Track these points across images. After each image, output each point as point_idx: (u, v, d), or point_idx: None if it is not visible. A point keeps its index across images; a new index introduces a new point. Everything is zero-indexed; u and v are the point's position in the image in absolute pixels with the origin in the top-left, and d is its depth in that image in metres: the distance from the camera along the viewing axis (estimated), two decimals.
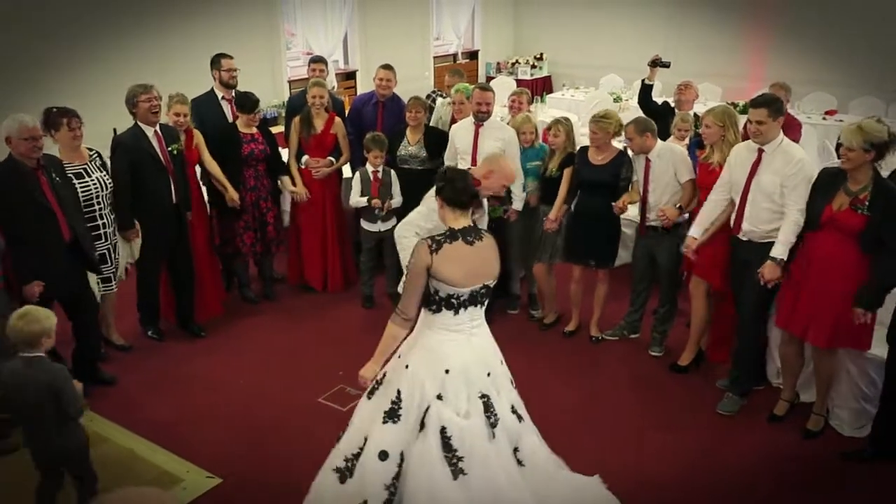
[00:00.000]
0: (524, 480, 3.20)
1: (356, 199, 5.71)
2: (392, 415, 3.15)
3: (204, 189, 5.72)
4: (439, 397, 3.11)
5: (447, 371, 3.12)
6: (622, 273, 5.77)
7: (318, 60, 6.54)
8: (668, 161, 4.92)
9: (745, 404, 4.62)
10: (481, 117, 5.30)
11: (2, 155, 4.24)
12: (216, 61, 5.89)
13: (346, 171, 6.24)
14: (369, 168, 5.67)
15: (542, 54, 12.45)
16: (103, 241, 4.82)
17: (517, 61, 12.36)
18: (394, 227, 5.11)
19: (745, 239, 4.37)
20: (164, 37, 7.38)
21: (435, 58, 11.62)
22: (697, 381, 4.94)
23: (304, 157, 5.90)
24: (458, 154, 5.44)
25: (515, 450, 3.27)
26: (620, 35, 11.61)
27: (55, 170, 4.38)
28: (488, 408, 3.17)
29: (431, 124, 6.22)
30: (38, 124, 4.20)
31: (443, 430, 3.07)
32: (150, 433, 4.34)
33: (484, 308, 3.24)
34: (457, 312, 3.12)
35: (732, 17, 10.70)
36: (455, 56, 12.18)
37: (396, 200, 5.69)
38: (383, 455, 3.12)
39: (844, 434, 4.34)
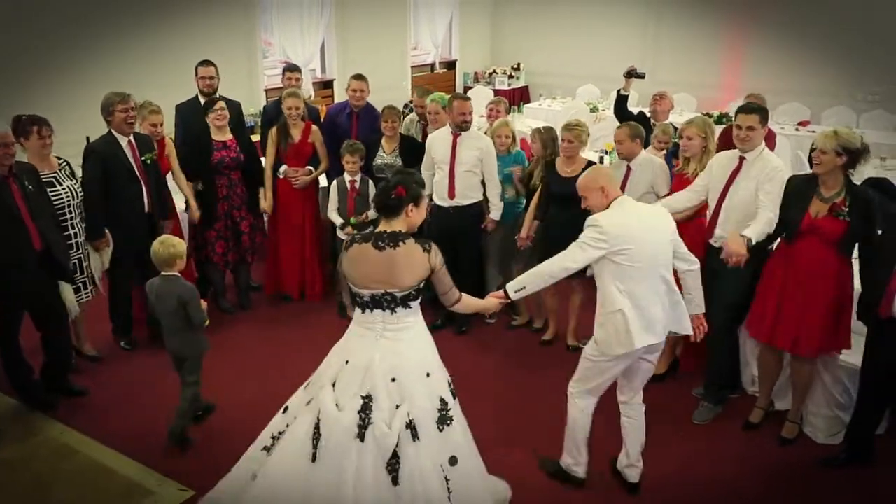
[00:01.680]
0: (391, 497, 3.11)
1: (332, 216, 5.68)
2: (307, 384, 3.43)
3: (175, 198, 5.66)
4: (333, 385, 3.23)
5: (346, 362, 3.24)
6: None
7: (292, 69, 6.52)
8: (648, 171, 4.97)
9: (720, 413, 4.65)
10: (464, 127, 5.31)
11: None
12: (196, 69, 5.89)
13: (323, 180, 6.21)
14: (346, 178, 5.65)
15: (519, 64, 12.51)
16: (75, 250, 4.76)
17: (494, 71, 12.41)
18: None
19: (716, 245, 4.39)
20: (140, 45, 7.32)
21: (413, 67, 11.64)
22: (673, 390, 4.95)
23: (283, 167, 5.87)
24: (434, 164, 5.44)
25: (393, 464, 3.14)
26: (597, 46, 11.71)
27: (28, 178, 4.32)
28: (365, 409, 3.14)
29: None
30: (8, 131, 4.14)
31: (319, 413, 3.19)
32: (122, 445, 4.28)
33: (401, 312, 3.20)
34: (363, 311, 3.23)
35: (708, 28, 10.83)
36: (433, 66, 12.21)
37: (373, 212, 5.66)
38: (285, 409, 3.46)
39: (818, 441, 4.38)
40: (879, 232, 3.96)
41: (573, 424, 3.87)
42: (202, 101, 5.88)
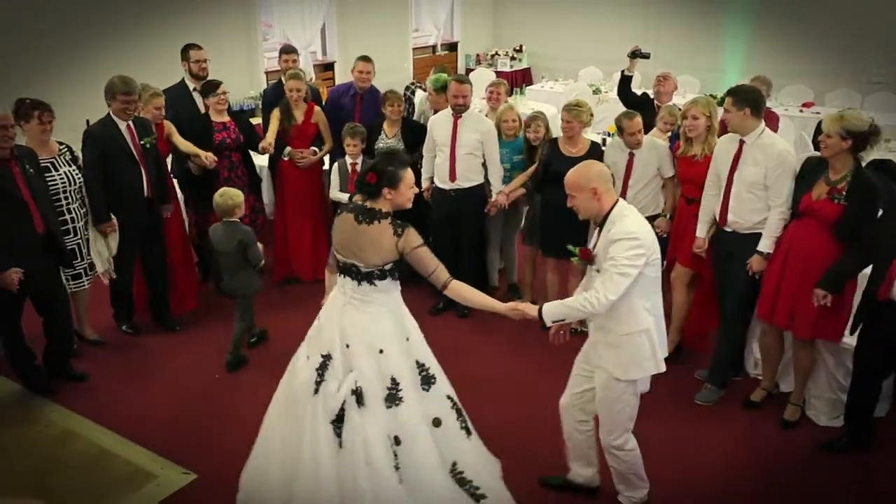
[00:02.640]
0: (331, 455, 3.22)
1: (336, 194, 5.64)
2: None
3: (176, 181, 5.63)
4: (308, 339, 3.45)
5: (318, 318, 3.44)
6: None
7: (289, 51, 6.47)
8: (653, 157, 4.93)
9: (723, 395, 4.64)
10: (459, 109, 5.27)
11: None
12: (185, 52, 5.83)
13: (326, 162, 6.18)
14: (348, 160, 5.61)
15: (521, 46, 12.42)
16: (72, 235, 4.74)
17: (497, 53, 12.32)
18: None
19: (729, 230, 4.37)
20: (139, 28, 7.25)
21: (414, 49, 11.57)
22: (677, 372, 4.89)
23: (287, 149, 5.83)
24: (436, 146, 5.40)
25: (338, 425, 3.24)
26: (600, 27, 11.61)
27: (28, 161, 4.30)
28: (322, 367, 3.31)
29: (415, 118, 6.19)
30: (8, 114, 4.11)
31: (292, 362, 3.50)
32: (124, 429, 4.29)
33: (366, 287, 3.27)
34: (340, 274, 3.37)
35: (711, 10, 10.73)
36: (434, 48, 12.13)
37: None
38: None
39: (821, 424, 4.37)
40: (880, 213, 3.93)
41: (634, 461, 3.59)
42: (190, 85, 5.83)
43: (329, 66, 10.11)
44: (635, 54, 6.07)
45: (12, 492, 3.74)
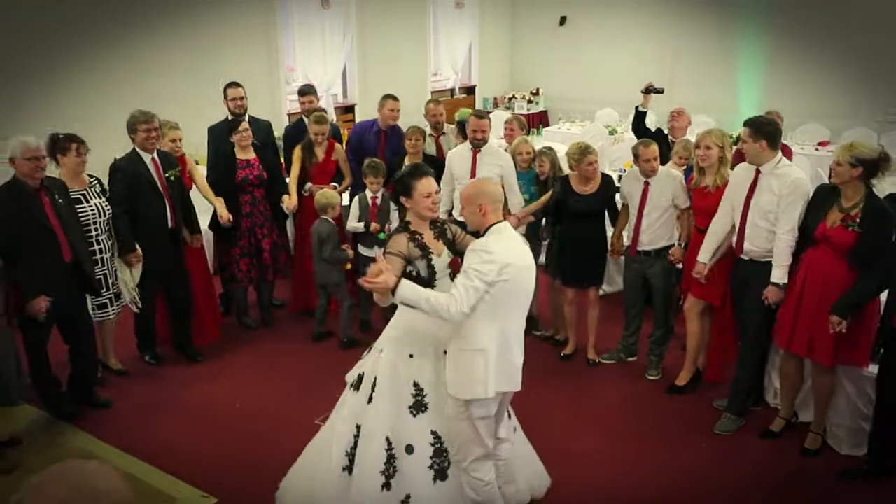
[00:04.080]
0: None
1: (353, 224, 5.75)
2: None
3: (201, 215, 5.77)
4: None
5: None
6: (618, 296, 5.81)
7: (305, 92, 6.67)
8: (668, 186, 4.99)
9: (742, 425, 4.62)
10: (477, 144, 5.38)
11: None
12: (225, 91, 6.05)
13: (346, 198, 6.31)
14: (368, 194, 5.74)
15: (538, 89, 12.62)
16: (100, 266, 4.84)
17: (514, 96, 12.52)
18: None
19: (746, 258, 4.41)
20: (170, 70, 7.49)
21: (432, 92, 11.78)
22: (695, 402, 4.94)
23: (308, 185, 5.97)
24: (454, 179, 5.51)
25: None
26: (615, 71, 11.78)
27: (58, 192, 4.44)
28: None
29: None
30: (41, 145, 4.27)
31: None
32: (145, 454, 4.33)
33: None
34: None
35: (727, 50, 10.89)
36: (452, 91, 12.36)
37: (394, 226, 5.74)
38: None
39: (842, 453, 4.33)
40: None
41: (487, 497, 3.47)
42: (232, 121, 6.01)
43: (350, 109, 10.34)
44: (649, 90, 6.19)
45: None
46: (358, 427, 3.54)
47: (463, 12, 12.01)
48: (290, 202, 5.86)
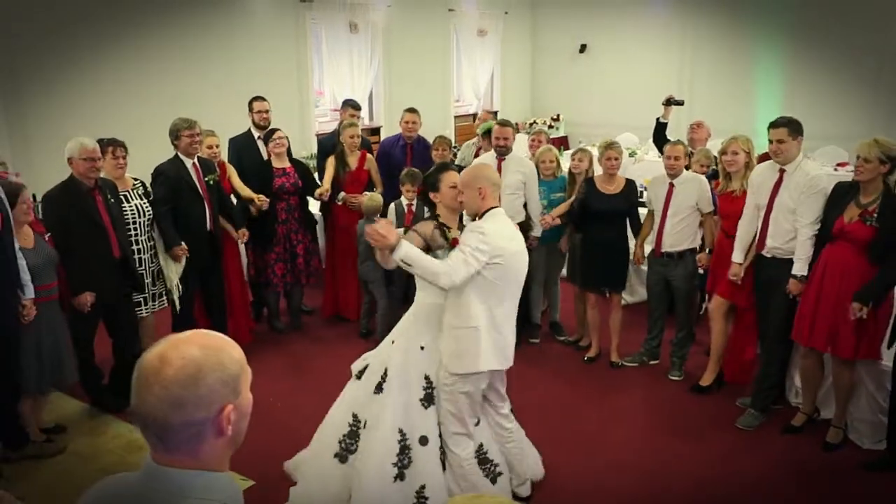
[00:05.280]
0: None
1: None
2: None
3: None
4: None
5: None
6: (639, 306, 5.94)
7: (355, 106, 7.01)
8: (692, 189, 5.13)
9: (765, 422, 4.71)
10: (501, 151, 5.58)
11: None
12: (250, 104, 6.31)
13: None
14: (404, 201, 5.92)
15: (558, 115, 12.86)
16: (139, 265, 5.02)
17: (535, 122, 12.76)
18: None
19: (769, 256, 4.53)
20: (202, 85, 7.75)
21: (456, 117, 12.08)
22: (718, 401, 5.04)
23: (341, 194, 6.18)
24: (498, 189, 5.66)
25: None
26: (635, 96, 11.96)
27: (110, 192, 4.69)
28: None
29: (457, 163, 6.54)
30: (97, 147, 4.52)
31: None
32: None
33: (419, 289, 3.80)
34: None
35: (745, 75, 11.07)
36: (475, 116, 12.61)
37: None
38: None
39: (864, 447, 4.41)
40: None
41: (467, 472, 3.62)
42: (255, 133, 6.25)
43: (376, 131, 10.62)
44: (670, 102, 6.38)
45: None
46: (354, 416, 3.74)
47: (485, 39, 12.32)
48: (321, 189, 6.07)
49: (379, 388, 3.67)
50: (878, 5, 9.96)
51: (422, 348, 3.65)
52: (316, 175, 6.58)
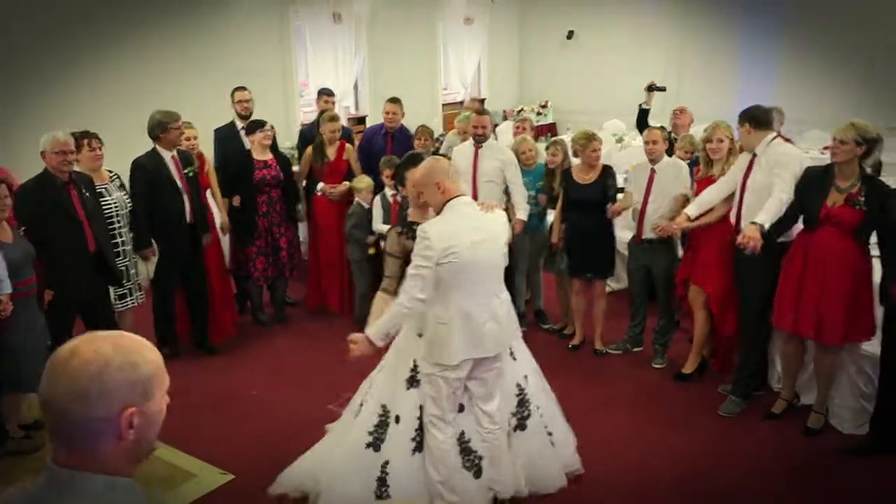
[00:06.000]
0: None
1: (378, 226, 5.84)
2: None
3: (217, 213, 5.93)
4: None
5: None
6: (624, 292, 5.93)
7: (328, 93, 6.95)
8: (673, 175, 5.12)
9: (747, 408, 4.69)
10: (479, 139, 5.55)
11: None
12: (232, 94, 6.27)
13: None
14: (388, 193, 5.85)
15: (547, 102, 12.80)
16: (122, 258, 5.01)
17: (523, 109, 12.70)
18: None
19: None
20: (183, 77, 7.61)
21: (443, 105, 12.01)
22: (700, 389, 5.03)
23: (320, 185, 6.16)
24: (458, 175, 5.63)
25: None
26: (622, 82, 11.88)
27: (85, 186, 4.64)
28: None
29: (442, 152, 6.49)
30: (69, 139, 4.46)
31: None
32: (164, 437, 4.41)
33: None
34: None
35: (731, 66, 11.03)
36: (462, 104, 12.55)
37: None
38: None
39: (845, 432, 4.41)
40: None
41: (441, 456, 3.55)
42: (238, 124, 6.19)
43: (361, 120, 10.55)
44: (651, 88, 6.35)
45: None
46: (383, 406, 3.71)
47: (472, 27, 12.24)
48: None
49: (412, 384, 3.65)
50: None
51: (419, 335, 3.62)
52: (295, 167, 6.51)
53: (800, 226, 4.34)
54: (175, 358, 5.56)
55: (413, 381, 3.62)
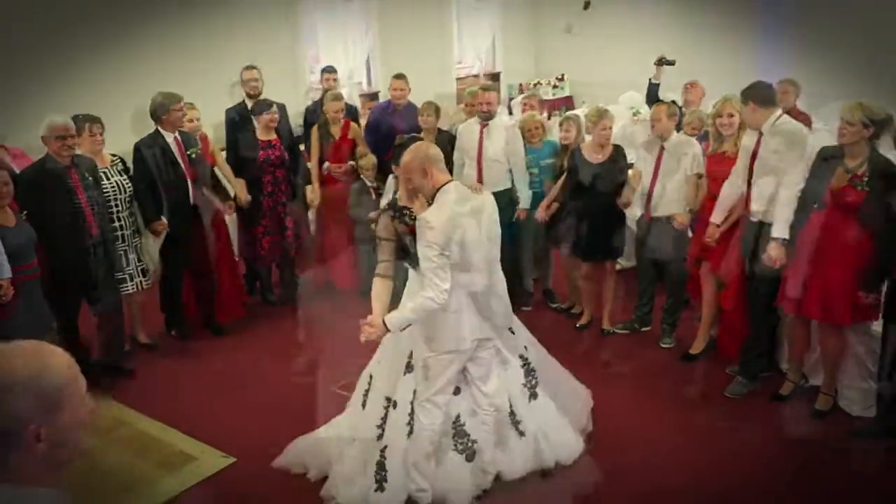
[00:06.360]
0: None
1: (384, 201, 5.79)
2: None
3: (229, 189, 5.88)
4: None
5: None
6: (633, 271, 5.84)
7: (330, 70, 6.99)
8: (680, 150, 5.00)
9: (755, 390, 4.62)
10: (484, 116, 5.46)
11: None
12: (241, 74, 6.25)
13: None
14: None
15: (563, 75, 12.59)
16: (121, 242, 4.99)
17: (539, 83, 12.52)
18: None
19: (755, 220, 4.40)
20: (190, 56, 7.32)
21: (458, 79, 11.86)
22: (707, 369, 4.97)
23: (325, 164, 6.13)
24: (464, 153, 5.57)
25: None
26: (638, 54, 11.66)
27: (88, 170, 4.64)
28: None
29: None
30: (68, 123, 4.45)
31: None
32: (169, 420, 4.49)
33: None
34: None
35: (751, 42, 10.74)
36: (477, 77, 12.39)
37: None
38: None
39: (853, 414, 4.32)
40: None
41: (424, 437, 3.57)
42: (248, 104, 6.14)
43: (374, 96, 10.46)
44: (661, 62, 6.20)
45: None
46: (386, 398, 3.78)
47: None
48: (311, 195, 6.10)
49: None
50: None
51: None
52: (302, 146, 6.47)
53: None
54: (184, 339, 5.61)
55: (409, 367, 3.64)
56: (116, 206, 4.95)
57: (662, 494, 3.76)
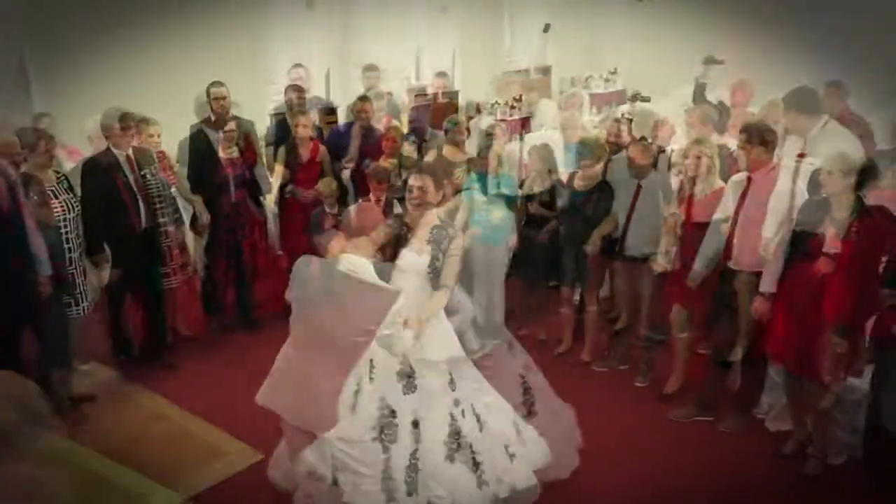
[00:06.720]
0: None
1: None
2: None
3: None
4: None
5: None
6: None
7: (371, 69, 7.26)
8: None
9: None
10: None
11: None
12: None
13: None
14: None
15: (616, 68, 12.55)
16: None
17: (591, 76, 12.51)
18: None
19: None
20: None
21: (504, 73, 11.96)
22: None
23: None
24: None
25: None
26: (692, 47, 11.51)
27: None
28: None
29: None
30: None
31: None
32: (205, 413, 4.79)
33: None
34: None
35: (801, 34, 10.50)
36: (527, 71, 12.45)
37: None
38: None
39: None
40: None
41: None
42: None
43: (423, 91, 10.74)
44: (709, 61, 6.26)
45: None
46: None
47: None
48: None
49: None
50: None
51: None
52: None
53: None
54: (222, 333, 5.96)
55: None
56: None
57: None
